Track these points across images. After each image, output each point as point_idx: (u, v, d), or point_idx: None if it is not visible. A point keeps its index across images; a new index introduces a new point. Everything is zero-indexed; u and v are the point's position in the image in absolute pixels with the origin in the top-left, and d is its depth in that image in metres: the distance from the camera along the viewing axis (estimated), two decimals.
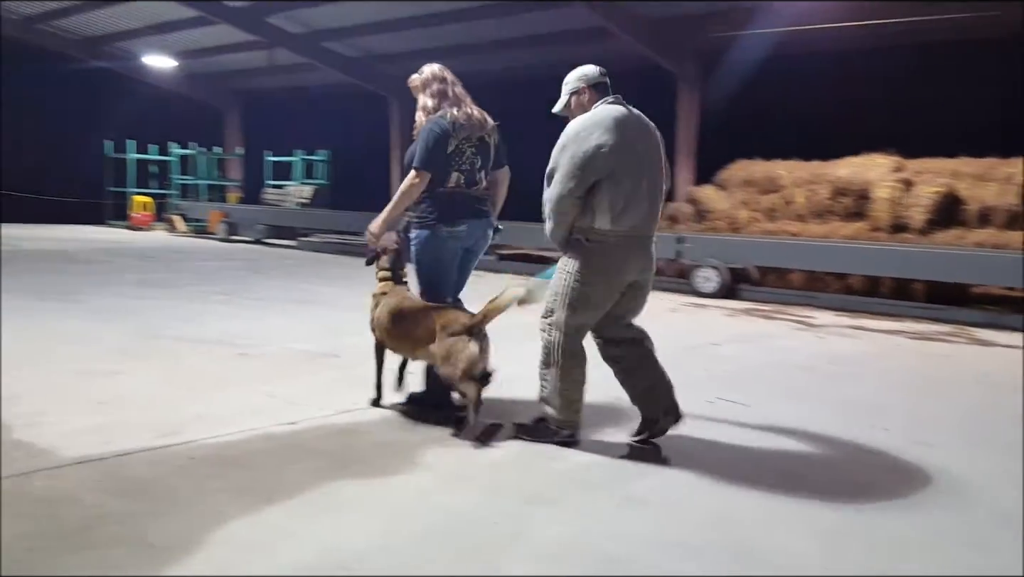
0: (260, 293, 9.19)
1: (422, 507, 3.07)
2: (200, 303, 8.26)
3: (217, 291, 9.25)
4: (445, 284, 4.33)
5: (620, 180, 3.67)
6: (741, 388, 5.26)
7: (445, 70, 4.41)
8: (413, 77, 4.40)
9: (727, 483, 3.46)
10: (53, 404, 4.22)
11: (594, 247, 3.74)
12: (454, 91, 4.29)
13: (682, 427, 3.97)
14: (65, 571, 2.45)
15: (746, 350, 6.87)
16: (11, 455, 3.41)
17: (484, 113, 4.35)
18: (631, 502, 3.20)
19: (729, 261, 10.66)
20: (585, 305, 3.79)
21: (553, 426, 3.90)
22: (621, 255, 3.77)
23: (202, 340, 6.19)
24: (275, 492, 3.13)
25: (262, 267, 12.68)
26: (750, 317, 8.94)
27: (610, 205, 3.67)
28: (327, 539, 2.75)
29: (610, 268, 3.77)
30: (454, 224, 4.16)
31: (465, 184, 4.23)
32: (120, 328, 6.55)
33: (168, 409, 4.23)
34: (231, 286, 9.87)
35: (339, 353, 5.86)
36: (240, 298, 8.79)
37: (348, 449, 3.72)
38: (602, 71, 3.97)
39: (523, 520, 2.98)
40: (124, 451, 3.52)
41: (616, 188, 3.67)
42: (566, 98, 4.01)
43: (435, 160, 4.09)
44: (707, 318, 8.80)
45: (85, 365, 5.18)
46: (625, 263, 3.79)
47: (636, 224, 3.76)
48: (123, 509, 2.91)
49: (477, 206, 4.29)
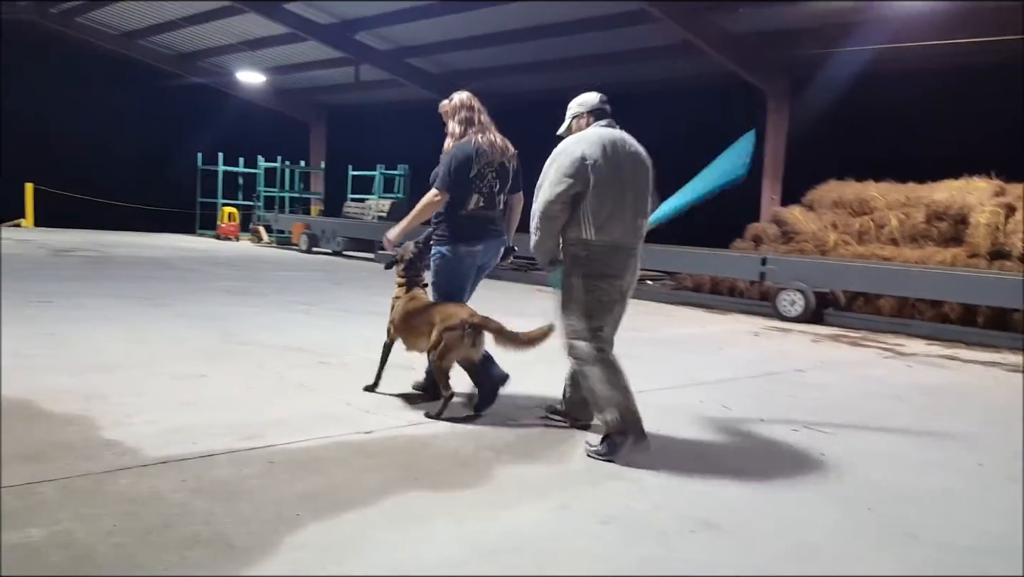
0: (339, 304, 9.33)
1: (493, 522, 3.03)
2: (282, 312, 8.43)
3: (298, 300, 9.43)
4: (458, 297, 4.62)
5: (602, 192, 3.94)
6: (826, 416, 5.07)
7: (473, 99, 4.70)
8: (443, 103, 4.70)
9: (807, 514, 3.32)
10: (142, 404, 4.33)
11: (590, 255, 4.00)
12: (480, 119, 4.60)
13: (761, 453, 3.83)
14: (148, 568, 2.48)
15: (832, 377, 6.64)
16: (100, 453, 3.51)
17: (506, 141, 4.65)
18: (706, 527, 3.09)
19: (816, 285, 10.36)
20: (600, 308, 4.04)
21: (614, 433, 3.87)
22: (618, 261, 4.04)
23: (284, 347, 6.30)
24: (350, 500, 3.13)
25: (341, 279, 12.89)
26: (836, 343, 8.66)
27: (593, 216, 3.95)
28: (399, 550, 2.73)
29: (611, 273, 4.04)
30: (472, 243, 4.49)
31: (484, 206, 4.55)
32: (206, 333, 6.73)
33: (250, 413, 4.30)
34: (312, 296, 10.06)
35: (415, 365, 5.87)
36: (320, 308, 8.95)
37: (421, 461, 3.71)
38: (602, 98, 4.31)
39: (596, 540, 2.91)
40: (207, 452, 3.59)
41: (598, 200, 3.94)
42: (568, 121, 4.34)
43: (456, 182, 4.43)
44: (791, 343, 8.55)
45: (173, 368, 5.32)
46: (624, 268, 4.07)
47: (620, 235, 4.02)
48: (205, 509, 2.95)
49: (493, 227, 4.61)
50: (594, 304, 4.02)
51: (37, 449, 3.48)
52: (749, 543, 2.98)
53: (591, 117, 4.26)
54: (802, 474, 3.87)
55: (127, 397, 4.46)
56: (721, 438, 4.43)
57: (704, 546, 2.92)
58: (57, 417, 4.01)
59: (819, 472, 3.92)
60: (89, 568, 2.46)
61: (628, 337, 8.09)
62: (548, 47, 16.59)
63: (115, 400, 4.37)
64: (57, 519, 2.77)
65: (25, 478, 3.12)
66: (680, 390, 5.65)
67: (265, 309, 8.53)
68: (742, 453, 4.17)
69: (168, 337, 6.47)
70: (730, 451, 4.19)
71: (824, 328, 9.90)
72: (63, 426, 3.87)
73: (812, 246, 12.00)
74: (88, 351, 5.69)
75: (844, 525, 3.23)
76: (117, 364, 5.33)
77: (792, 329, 9.66)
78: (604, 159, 3.96)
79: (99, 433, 3.78)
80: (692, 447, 4.22)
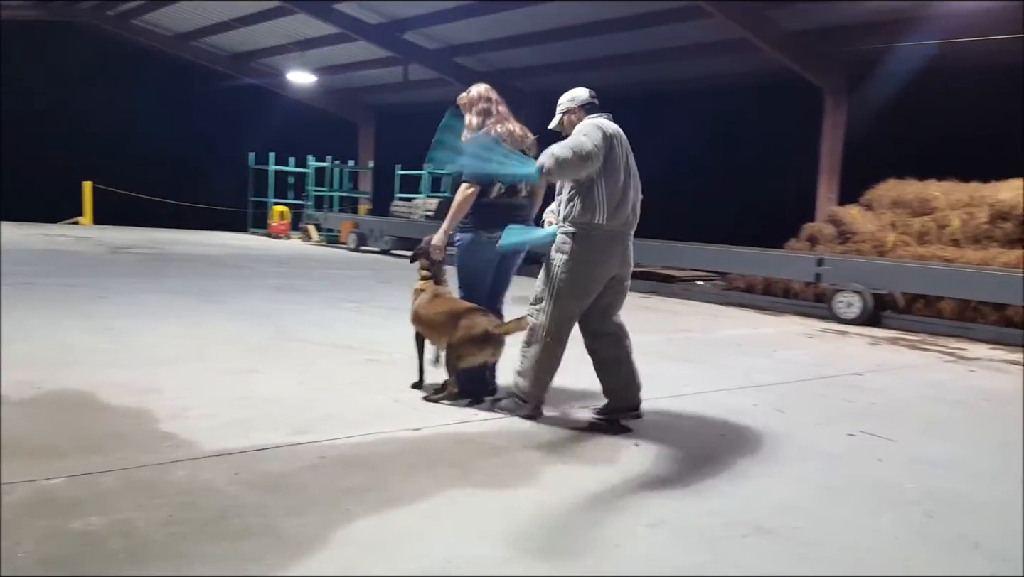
0: (387, 302, 9.38)
1: (542, 522, 3.00)
2: (331, 309, 8.51)
3: (347, 298, 9.52)
4: (482, 284, 4.74)
5: (614, 179, 4.15)
6: (885, 422, 4.94)
7: (491, 90, 4.80)
8: (461, 96, 4.81)
9: (863, 520, 3.24)
10: (197, 398, 4.40)
11: (587, 239, 4.17)
12: (498, 109, 4.69)
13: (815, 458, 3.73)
14: (202, 558, 2.51)
15: (890, 381, 6.47)
16: (157, 445, 3.57)
17: (525, 129, 4.74)
18: (757, 532, 3.03)
19: (874, 286, 10.12)
20: (572, 292, 4.20)
21: (521, 398, 4.36)
22: (607, 248, 4.21)
23: (333, 344, 6.35)
24: (399, 496, 3.14)
25: (389, 277, 12.98)
26: (894, 347, 8.45)
27: (607, 201, 4.14)
28: (448, 547, 2.72)
29: (598, 259, 4.20)
30: (492, 229, 4.50)
31: (506, 194, 4.64)
32: (258, 329, 6.82)
33: (301, 408, 4.34)
34: (360, 294, 10.14)
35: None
36: (368, 306, 9.02)
37: (469, 458, 3.70)
38: (591, 94, 4.46)
39: (644, 543, 2.87)
40: (260, 446, 3.63)
41: (611, 185, 4.14)
42: (559, 117, 4.49)
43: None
44: (847, 346, 8.37)
45: (226, 363, 5.41)
46: (611, 255, 4.23)
47: (623, 221, 4.25)
48: (257, 501, 2.98)
49: (516, 213, 4.67)
50: (568, 288, 4.20)
51: (98, 441, 3.56)
52: (802, 549, 2.91)
53: (582, 112, 4.40)
54: (858, 480, 3.77)
55: (182, 391, 4.53)
56: (775, 442, 4.35)
57: (755, 552, 2.86)
58: (116, 410, 4.09)
59: (876, 478, 3.81)
60: (146, 556, 2.50)
61: (679, 338, 8.08)
62: (596, 44, 16.48)
63: (171, 394, 4.45)
64: (117, 508, 2.83)
65: (87, 468, 3.19)
66: (733, 392, 5.56)
67: (315, 306, 8.62)
68: (796, 457, 4.08)
69: (222, 333, 6.57)
70: (784, 455, 4.11)
71: (882, 331, 9.68)
72: (121, 418, 3.95)
73: (870, 247, 11.72)
74: (145, 346, 5.81)
75: (901, 533, 3.13)
76: (173, 359, 5.43)
77: (848, 332, 9.46)
78: (611, 148, 4.15)
79: (156, 426, 3.85)
80: (744, 450, 4.14)
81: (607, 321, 4.40)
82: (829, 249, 11.88)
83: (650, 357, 6.79)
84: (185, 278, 10.65)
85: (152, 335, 6.22)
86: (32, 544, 2.52)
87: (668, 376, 5.92)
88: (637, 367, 4.43)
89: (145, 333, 6.28)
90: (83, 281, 9.29)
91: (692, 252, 12.88)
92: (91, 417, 3.95)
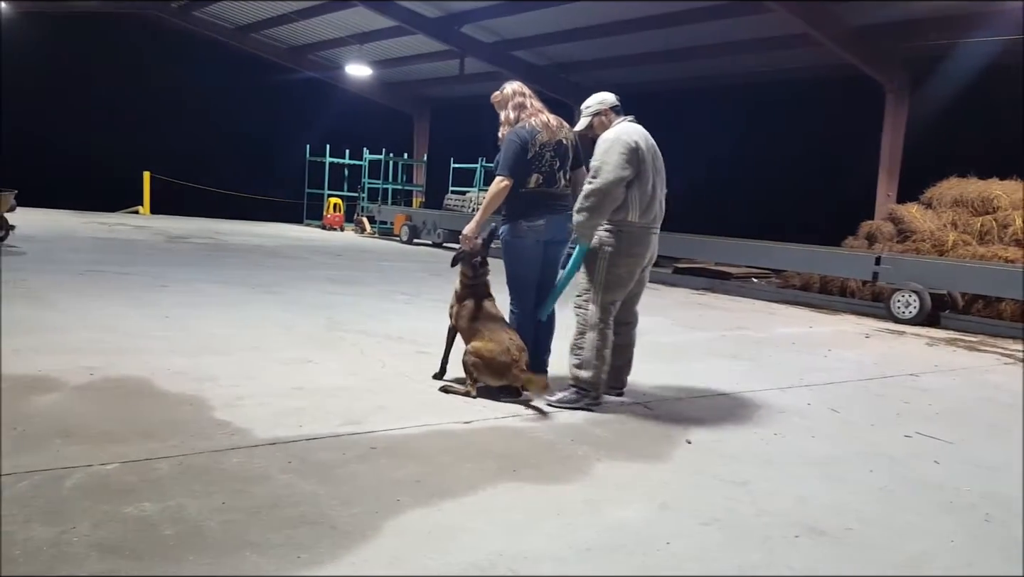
0: (439, 295, 9.40)
1: (592, 518, 2.99)
2: (384, 301, 8.58)
3: (400, 291, 9.59)
4: (529, 275, 4.84)
5: (644, 181, 4.43)
6: (941, 423, 4.82)
7: (524, 86, 4.99)
8: (495, 94, 4.98)
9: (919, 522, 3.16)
10: (251, 387, 4.48)
11: (626, 236, 4.47)
12: (532, 103, 4.84)
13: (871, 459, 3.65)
14: (253, 545, 2.55)
15: (948, 383, 6.30)
16: (212, 432, 3.64)
17: (560, 120, 4.89)
18: (811, 533, 2.97)
19: (932, 286, 9.87)
20: (617, 284, 4.52)
21: (584, 387, 4.50)
22: (644, 242, 4.54)
23: (385, 336, 6.41)
24: (449, 488, 3.15)
25: (441, 270, 13.04)
26: (952, 347, 8.23)
27: (639, 201, 4.43)
28: (497, 540, 2.72)
29: (637, 253, 4.53)
30: (531, 219, 4.68)
31: (545, 184, 4.75)
32: (312, 320, 6.91)
33: (353, 399, 4.38)
34: (413, 287, 10.21)
35: None
36: (420, 299, 9.07)
37: (519, 452, 3.70)
38: (617, 97, 4.73)
39: (696, 542, 2.84)
40: (313, 435, 3.67)
41: (642, 187, 4.43)
42: (588, 119, 4.72)
43: (516, 166, 4.65)
44: (904, 346, 8.18)
45: (281, 353, 5.49)
46: (647, 249, 4.57)
47: (654, 218, 4.56)
48: (310, 490, 3.02)
49: (555, 202, 4.79)
50: (613, 279, 4.49)
51: (154, 427, 3.63)
52: (855, 551, 2.85)
53: (612, 113, 4.68)
54: (914, 482, 3.68)
55: (238, 380, 4.61)
56: (829, 442, 4.27)
57: (808, 553, 2.81)
58: (172, 397, 4.18)
59: (933, 480, 3.72)
60: (198, 543, 2.54)
61: (733, 336, 7.97)
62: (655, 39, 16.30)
63: (226, 382, 4.53)
64: (170, 494, 2.88)
65: (143, 454, 3.26)
66: (787, 391, 5.47)
67: (367, 298, 8.70)
68: (851, 458, 4.00)
69: (276, 323, 6.67)
70: (838, 456, 4.03)
71: (940, 331, 9.44)
72: (177, 405, 4.03)
73: (929, 246, 11.45)
74: (201, 334, 5.92)
75: (958, 536, 3.06)
76: (228, 348, 5.53)
77: (905, 332, 9.23)
78: (645, 152, 4.43)
79: (211, 413, 3.92)
80: (798, 450, 4.07)
81: (629, 310, 4.77)
82: (887, 247, 11.63)
83: (703, 354, 6.74)
84: (241, 268, 10.84)
85: (209, 324, 6.34)
86: (87, 528, 2.58)
87: (721, 374, 5.85)
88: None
89: (202, 322, 6.41)
90: (141, 270, 9.51)
91: (748, 249, 12.72)
92: (148, 404, 4.04)
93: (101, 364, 4.71)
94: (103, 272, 8.98)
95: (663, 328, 7.94)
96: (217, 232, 17.51)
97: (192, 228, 18.05)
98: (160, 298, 7.47)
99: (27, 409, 3.77)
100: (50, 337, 5.38)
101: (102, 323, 6.02)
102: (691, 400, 4.98)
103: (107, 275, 8.75)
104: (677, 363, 6.19)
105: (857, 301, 11.42)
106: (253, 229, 19.80)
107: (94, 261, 10.04)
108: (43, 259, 9.81)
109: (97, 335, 5.57)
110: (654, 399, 4.89)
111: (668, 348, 6.84)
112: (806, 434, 4.39)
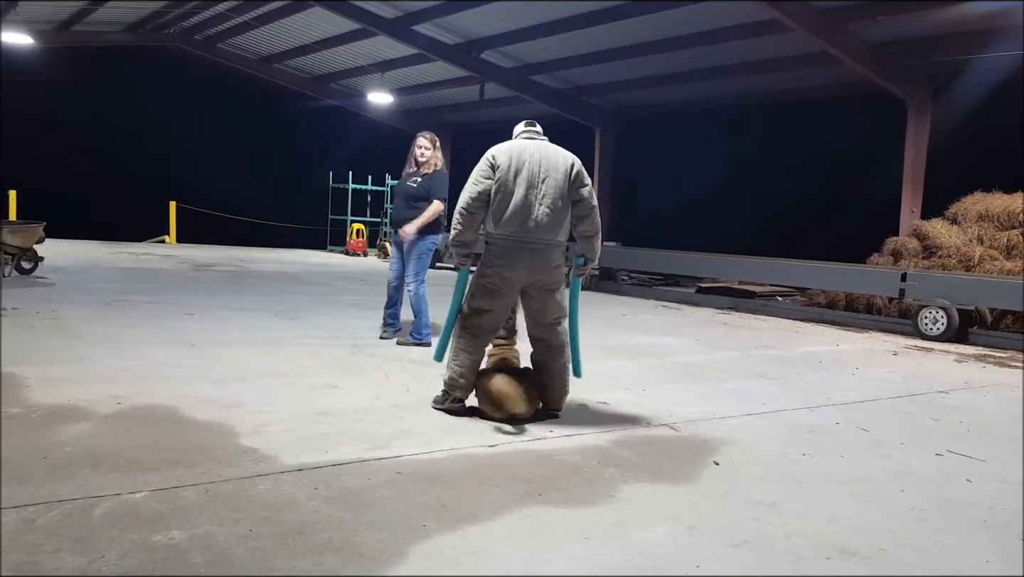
0: None
1: (619, 541, 2.96)
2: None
3: None
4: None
5: (506, 193, 4.55)
6: (972, 441, 4.75)
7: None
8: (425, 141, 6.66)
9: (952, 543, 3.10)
10: (278, 413, 4.50)
11: (490, 247, 4.65)
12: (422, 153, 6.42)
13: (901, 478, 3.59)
14: (283, 572, 2.55)
15: (978, 400, 6.21)
16: (239, 459, 3.66)
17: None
18: (842, 554, 2.93)
19: (960, 302, 9.75)
20: (482, 292, 4.67)
21: (446, 388, 4.73)
22: (509, 255, 4.58)
23: (408, 360, 6.42)
24: (476, 512, 3.14)
25: None
26: (982, 364, 8.11)
27: (495, 213, 4.58)
28: (525, 565, 2.71)
29: (503, 264, 4.59)
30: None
31: None
32: (337, 345, 6.94)
33: (378, 424, 4.39)
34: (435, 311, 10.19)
35: None
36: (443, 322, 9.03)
37: (545, 476, 3.68)
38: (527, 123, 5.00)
39: (726, 564, 2.80)
40: (339, 461, 3.68)
41: (501, 200, 4.56)
42: None
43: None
44: (933, 363, 8.07)
45: (306, 378, 5.51)
46: (514, 262, 4.57)
47: (517, 230, 4.55)
48: (336, 516, 3.02)
49: None
50: (476, 287, 4.70)
51: (181, 455, 3.66)
52: (888, 572, 2.80)
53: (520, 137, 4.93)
54: (947, 501, 3.63)
55: (263, 406, 4.64)
56: (859, 461, 4.21)
57: (840, 575, 2.77)
58: (199, 424, 4.21)
59: (966, 499, 3.66)
60: (227, 570, 2.55)
61: (759, 355, 7.91)
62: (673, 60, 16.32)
63: (253, 408, 4.56)
64: (198, 522, 2.89)
65: (171, 482, 3.28)
66: (815, 411, 5.41)
67: None
68: (881, 478, 3.94)
69: (301, 349, 6.71)
70: (868, 475, 3.97)
71: (968, 348, 9.31)
72: (205, 433, 4.05)
73: (956, 261, 11.31)
74: (227, 361, 5.97)
75: (993, 555, 3.00)
76: (254, 374, 5.56)
77: (934, 348, 9.12)
78: (511, 165, 4.58)
79: (238, 440, 3.95)
80: (827, 470, 4.02)
81: (541, 326, 4.77)
82: (913, 264, 11.50)
83: (729, 374, 6.69)
84: (266, 295, 10.92)
85: (234, 351, 6.39)
86: (115, 557, 2.59)
87: (748, 393, 5.80)
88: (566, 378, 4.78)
89: (227, 349, 6.46)
90: (168, 298, 9.61)
91: (772, 267, 12.64)
92: (175, 431, 4.06)
93: (129, 392, 4.75)
94: (130, 301, 9.08)
95: (688, 348, 7.89)
96: (242, 260, 17.67)
97: (217, 256, 18.24)
98: (186, 326, 7.54)
99: (56, 438, 3.81)
100: (79, 367, 5.45)
101: (130, 352, 6.09)
102: (718, 420, 4.94)
103: (134, 304, 8.85)
104: (703, 383, 6.15)
105: (884, 318, 11.29)
106: (277, 256, 19.96)
107: (121, 291, 10.15)
108: (72, 289, 9.94)
109: (125, 363, 5.63)
110: (680, 420, 4.86)
111: (694, 368, 6.80)
112: (835, 454, 4.33)
